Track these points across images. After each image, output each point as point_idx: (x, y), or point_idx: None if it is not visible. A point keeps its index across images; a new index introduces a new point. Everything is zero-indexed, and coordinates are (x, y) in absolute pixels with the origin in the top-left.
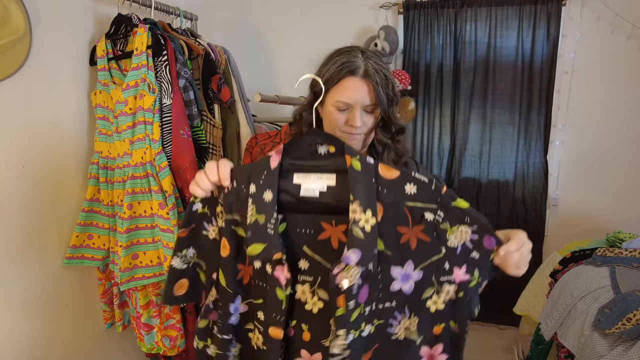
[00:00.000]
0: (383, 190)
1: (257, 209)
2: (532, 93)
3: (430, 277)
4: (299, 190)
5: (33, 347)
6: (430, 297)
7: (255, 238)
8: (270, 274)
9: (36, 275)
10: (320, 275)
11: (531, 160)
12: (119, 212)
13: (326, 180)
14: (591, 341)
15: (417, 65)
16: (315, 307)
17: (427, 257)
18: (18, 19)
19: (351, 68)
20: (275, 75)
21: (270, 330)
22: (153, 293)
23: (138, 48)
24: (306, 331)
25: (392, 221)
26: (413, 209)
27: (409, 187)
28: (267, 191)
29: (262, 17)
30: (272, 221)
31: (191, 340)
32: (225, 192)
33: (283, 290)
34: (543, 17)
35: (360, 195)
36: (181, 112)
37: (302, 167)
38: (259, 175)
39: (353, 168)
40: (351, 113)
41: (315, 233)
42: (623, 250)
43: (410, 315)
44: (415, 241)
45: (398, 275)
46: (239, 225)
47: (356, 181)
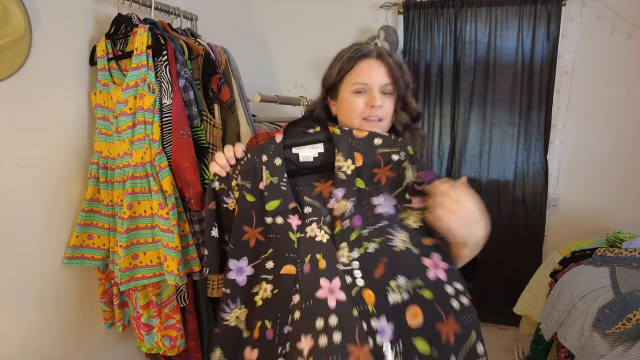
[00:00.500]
0: (359, 145)
1: (270, 172)
2: (532, 93)
3: (401, 204)
4: (298, 158)
5: (33, 347)
6: (407, 218)
7: (272, 196)
8: (281, 224)
9: (36, 275)
10: (322, 216)
11: (531, 160)
12: (119, 212)
13: (317, 149)
14: (591, 341)
15: (417, 65)
16: (324, 239)
17: (394, 189)
18: (18, 19)
19: (364, 52)
20: (275, 75)
21: (283, 269)
22: (153, 293)
23: (138, 48)
24: (321, 259)
25: (369, 165)
26: (383, 154)
27: (377, 140)
28: (277, 158)
29: (262, 17)
30: (284, 180)
31: (191, 341)
32: (242, 162)
33: (295, 234)
34: (543, 17)
35: (342, 149)
36: (181, 112)
37: (298, 142)
38: (268, 148)
39: (335, 133)
40: (370, 94)
41: (310, 189)
42: (623, 250)
43: (400, 230)
44: (385, 178)
45: (378, 202)
46: (249, 191)
47: (339, 141)
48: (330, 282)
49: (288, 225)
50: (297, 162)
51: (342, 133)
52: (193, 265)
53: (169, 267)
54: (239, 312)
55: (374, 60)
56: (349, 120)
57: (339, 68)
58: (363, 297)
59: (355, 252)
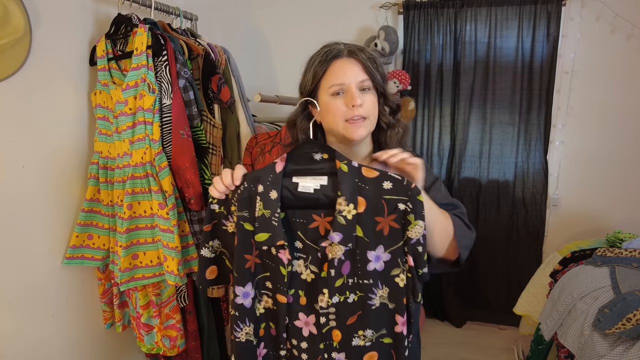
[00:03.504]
0: (365, 186)
1: (264, 205)
2: (532, 93)
3: (396, 259)
4: (297, 188)
5: (33, 347)
6: (397, 275)
7: (262, 228)
8: (275, 255)
9: (36, 275)
10: (310, 255)
11: (531, 160)
12: (118, 212)
13: (319, 181)
14: (591, 341)
15: (417, 65)
16: (308, 277)
17: (394, 243)
18: (18, 19)
19: (335, 52)
20: (275, 75)
21: (277, 297)
22: (153, 293)
23: (138, 48)
24: (302, 296)
25: (371, 212)
26: (389, 200)
27: (386, 184)
28: (273, 191)
29: (262, 17)
30: (276, 215)
31: (191, 341)
32: (239, 191)
33: (285, 268)
34: (543, 17)
35: (345, 191)
36: (181, 112)
37: (301, 170)
38: (266, 178)
39: (341, 170)
40: (348, 94)
41: (307, 222)
42: (623, 250)
43: (382, 287)
44: (388, 228)
45: (372, 257)
46: (247, 220)
47: (343, 180)
48: (307, 317)
49: (279, 259)
50: (295, 192)
51: (350, 171)
52: (193, 265)
53: (169, 267)
54: (247, 329)
55: (345, 59)
56: (333, 124)
57: (313, 74)
58: (332, 334)
59: (336, 297)
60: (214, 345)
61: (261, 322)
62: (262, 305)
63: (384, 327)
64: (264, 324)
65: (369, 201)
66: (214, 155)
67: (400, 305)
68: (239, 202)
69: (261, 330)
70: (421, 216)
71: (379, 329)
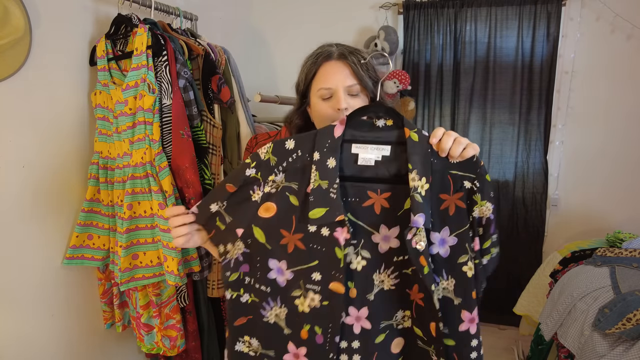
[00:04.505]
0: (434, 160)
1: (320, 175)
2: (532, 93)
3: (464, 244)
4: (357, 159)
5: (33, 347)
6: (465, 263)
7: (318, 202)
8: (327, 236)
9: (36, 276)
10: (362, 238)
11: (531, 160)
12: (118, 212)
13: (382, 151)
14: (591, 341)
15: (417, 65)
16: (359, 266)
17: (461, 225)
18: (18, 19)
19: (325, 55)
20: (275, 75)
21: (331, 286)
22: (153, 293)
23: (138, 48)
24: (352, 288)
25: (437, 188)
26: (455, 176)
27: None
28: (331, 158)
29: (262, 17)
30: (335, 186)
31: (191, 341)
32: (290, 160)
33: (342, 250)
34: (543, 17)
35: (417, 164)
36: (181, 112)
37: (361, 138)
38: (323, 143)
39: (412, 139)
40: (335, 98)
41: (361, 201)
42: (623, 250)
43: (448, 278)
44: (454, 208)
45: (436, 240)
46: (294, 193)
47: (414, 152)
48: (358, 311)
49: (334, 239)
50: (353, 164)
51: (420, 140)
52: (193, 265)
53: (169, 267)
54: (278, 310)
55: (334, 62)
56: (321, 124)
57: (305, 74)
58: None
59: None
60: (214, 345)
61: (305, 322)
62: (306, 303)
63: (446, 326)
64: (309, 325)
65: (434, 176)
66: (214, 155)
67: (468, 299)
68: (288, 172)
69: (304, 332)
70: (489, 197)
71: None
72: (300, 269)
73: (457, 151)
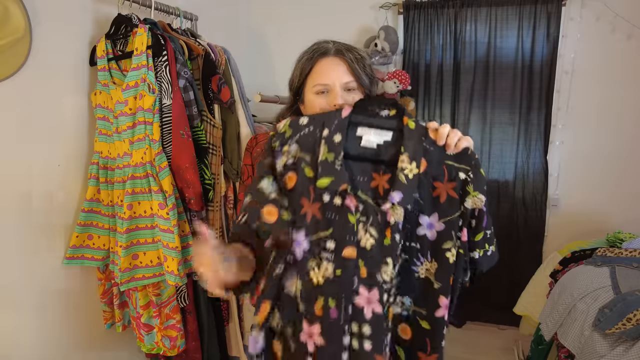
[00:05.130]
0: (430, 148)
1: (328, 148)
2: (532, 93)
3: (450, 231)
4: (360, 141)
5: (33, 347)
6: (449, 250)
7: (325, 172)
8: (340, 205)
9: (36, 275)
10: (371, 215)
11: (531, 161)
12: (119, 212)
13: (384, 136)
14: (591, 341)
15: (417, 65)
16: (368, 244)
17: (450, 213)
18: (18, 19)
19: (322, 50)
20: (275, 76)
21: (345, 252)
22: (153, 293)
23: (138, 48)
24: (362, 267)
25: (431, 175)
26: (450, 167)
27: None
28: (337, 134)
29: (262, 17)
30: (340, 158)
31: (191, 341)
32: (303, 134)
33: (354, 215)
34: (543, 17)
35: (409, 149)
36: (181, 112)
37: (366, 122)
38: (331, 122)
39: (408, 127)
40: (331, 94)
41: (368, 181)
42: (623, 251)
43: (431, 260)
44: (445, 196)
45: (424, 222)
46: (308, 165)
47: (409, 137)
48: (369, 292)
49: (346, 207)
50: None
51: (416, 128)
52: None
53: (169, 267)
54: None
55: (331, 58)
56: None
57: (300, 70)
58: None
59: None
60: (214, 345)
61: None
62: (320, 273)
63: (424, 306)
64: (323, 299)
65: (430, 163)
66: (214, 156)
67: (446, 284)
68: (302, 143)
69: (318, 308)
70: (482, 190)
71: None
72: (316, 238)
73: (453, 140)
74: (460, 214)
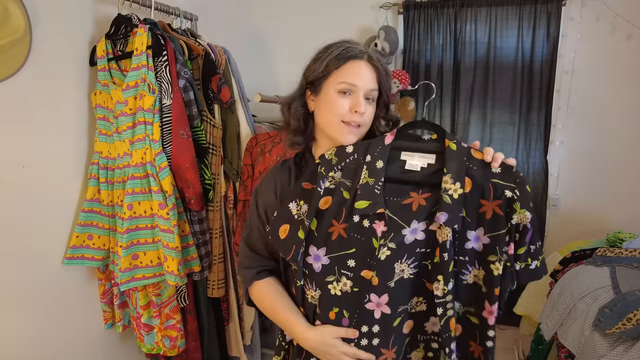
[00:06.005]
0: (473, 167)
1: (369, 173)
2: (532, 93)
3: (495, 246)
4: (404, 164)
5: (33, 347)
6: (494, 263)
7: (364, 196)
8: (367, 227)
9: (36, 276)
10: (394, 232)
11: (531, 161)
12: (119, 212)
13: (427, 159)
14: (591, 341)
15: (417, 65)
16: (383, 256)
17: (496, 229)
18: (18, 19)
19: (355, 52)
20: (275, 75)
21: (363, 273)
22: (153, 293)
23: (138, 48)
24: (374, 276)
25: (477, 194)
26: (496, 185)
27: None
28: (379, 161)
29: (262, 17)
30: (380, 184)
31: (191, 341)
32: (348, 161)
33: (377, 240)
34: (543, 17)
35: (453, 169)
36: (181, 112)
37: (409, 147)
38: (374, 149)
39: (450, 148)
40: (355, 98)
41: (400, 199)
42: (623, 250)
43: (479, 268)
44: (491, 213)
45: (471, 237)
46: (347, 189)
47: (451, 158)
48: (379, 298)
49: (373, 230)
50: (400, 169)
51: (458, 150)
52: (193, 265)
53: (169, 267)
54: (313, 293)
55: (364, 62)
56: (328, 118)
57: (327, 64)
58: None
59: (450, 283)
60: (214, 345)
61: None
62: (339, 287)
63: (473, 306)
64: (338, 309)
65: (475, 182)
66: (214, 155)
67: (491, 292)
68: (345, 170)
69: (332, 314)
70: (528, 206)
71: (468, 304)
72: (337, 255)
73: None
74: (507, 231)
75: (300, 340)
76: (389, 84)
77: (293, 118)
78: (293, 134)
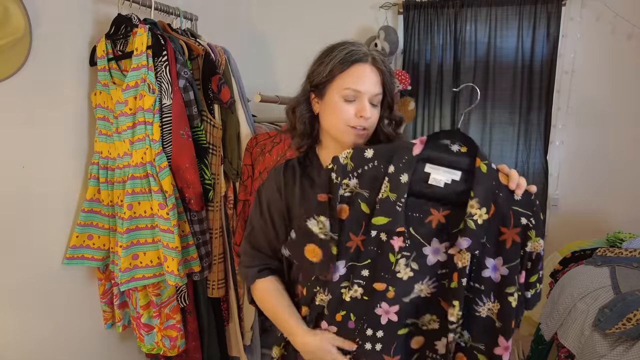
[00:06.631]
0: (499, 193)
1: (391, 187)
2: (532, 93)
3: (513, 276)
4: (427, 178)
5: (33, 347)
6: (512, 294)
7: (383, 212)
8: (385, 241)
9: (36, 276)
10: (415, 251)
11: (531, 161)
12: (119, 212)
13: (452, 175)
14: (591, 341)
15: (417, 65)
16: (405, 276)
17: (514, 259)
18: (18, 19)
19: (359, 55)
20: (275, 75)
21: (375, 285)
22: (153, 293)
23: (138, 48)
24: (391, 291)
25: (498, 220)
26: (516, 212)
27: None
28: (404, 174)
29: (262, 17)
30: (402, 200)
31: (191, 341)
32: (366, 168)
33: (395, 256)
34: (543, 17)
35: (480, 194)
36: (181, 112)
37: (436, 159)
38: (399, 159)
39: (480, 170)
40: (360, 103)
41: (423, 217)
42: (623, 250)
43: (494, 301)
44: (511, 241)
45: (490, 265)
46: (365, 201)
47: (480, 182)
48: (390, 307)
49: (390, 246)
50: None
51: (489, 172)
52: (193, 265)
53: (169, 268)
54: (324, 297)
55: (368, 66)
56: (334, 124)
57: (330, 68)
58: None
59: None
60: (214, 345)
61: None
62: (350, 293)
63: (482, 343)
64: (345, 312)
65: (498, 208)
66: (214, 156)
67: (507, 326)
68: (362, 178)
69: (339, 316)
70: (541, 234)
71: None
72: (353, 264)
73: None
74: (521, 259)
75: (298, 344)
76: (393, 84)
77: (299, 122)
78: (300, 137)
